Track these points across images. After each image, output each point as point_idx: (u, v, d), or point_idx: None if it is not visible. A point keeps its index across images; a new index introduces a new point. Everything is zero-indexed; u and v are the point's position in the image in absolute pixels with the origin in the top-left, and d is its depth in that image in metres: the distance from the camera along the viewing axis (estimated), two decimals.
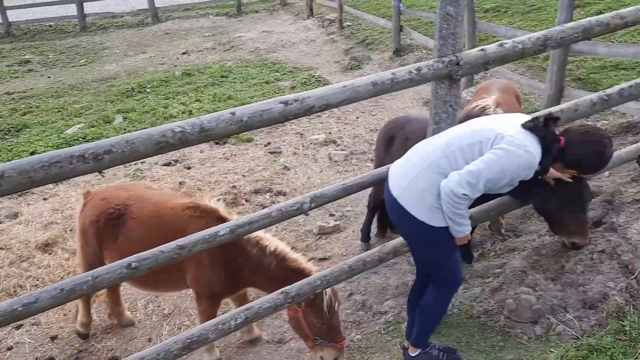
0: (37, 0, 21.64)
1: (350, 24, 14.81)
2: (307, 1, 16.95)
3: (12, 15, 20.06)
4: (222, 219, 3.53)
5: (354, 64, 11.83)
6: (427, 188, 2.72)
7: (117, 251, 3.80)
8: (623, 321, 3.00)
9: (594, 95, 3.72)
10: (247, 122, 2.52)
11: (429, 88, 3.20)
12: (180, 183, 6.72)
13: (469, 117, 3.64)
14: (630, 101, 4.12)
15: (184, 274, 3.78)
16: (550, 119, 2.75)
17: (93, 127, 9.04)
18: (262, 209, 6.21)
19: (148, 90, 11.23)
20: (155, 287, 4.15)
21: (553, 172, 2.87)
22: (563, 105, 3.64)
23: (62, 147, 7.77)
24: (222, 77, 11.73)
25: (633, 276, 3.27)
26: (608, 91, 3.82)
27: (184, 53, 14.71)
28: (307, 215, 3.21)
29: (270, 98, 9.83)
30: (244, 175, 6.95)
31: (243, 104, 9.99)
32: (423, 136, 3.97)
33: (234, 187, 6.57)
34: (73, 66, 15.26)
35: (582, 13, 10.17)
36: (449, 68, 2.94)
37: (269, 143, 8.00)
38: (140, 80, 11.92)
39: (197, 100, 10.01)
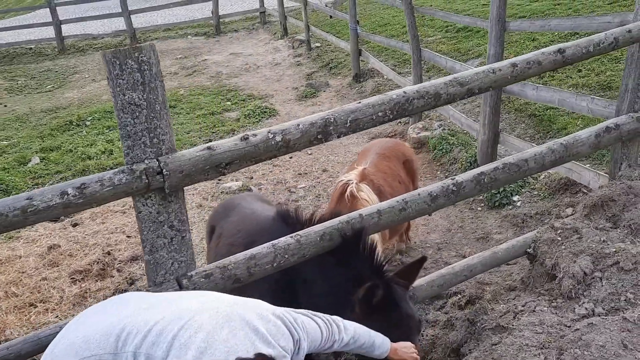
0: (17, 22, 21.29)
1: (320, 45, 13.92)
2: (280, 20, 16.11)
3: None
4: None
5: (310, 92, 10.95)
6: None
7: None
8: None
9: (439, 185, 2.76)
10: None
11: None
12: (50, 248, 5.89)
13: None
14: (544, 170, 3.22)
15: None
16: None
17: (4, 169, 8.32)
18: (130, 281, 5.41)
19: (87, 123, 10.52)
20: None
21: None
22: (384, 205, 2.70)
23: None
24: (171, 107, 10.94)
25: None
26: (459, 178, 2.85)
27: None
28: None
29: (212, 131, 9.04)
30: (129, 236, 6.10)
31: (178, 140, 9.28)
32: (235, 235, 3.08)
33: (108, 253, 5.73)
34: (39, 92, 14.71)
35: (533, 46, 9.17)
36: (146, 180, 2.03)
37: None
38: (85, 112, 11.22)
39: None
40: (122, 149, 8.34)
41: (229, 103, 10.98)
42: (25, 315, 4.91)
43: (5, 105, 13.34)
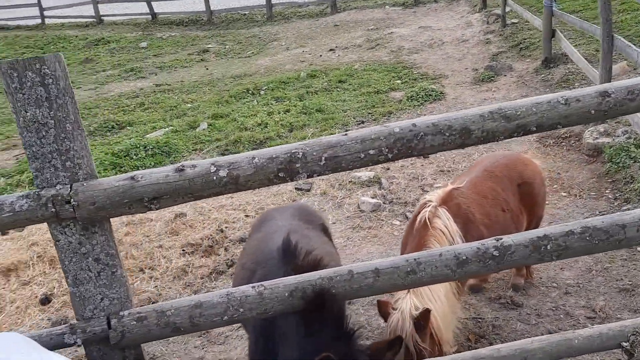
0: None
1: (517, 21, 12.42)
2: None
3: (215, 3, 21.77)
4: None
5: (488, 75, 9.84)
6: None
7: None
8: None
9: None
10: None
11: None
12: (177, 216, 6.21)
13: None
14: None
15: None
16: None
17: (176, 132, 9.07)
18: (230, 262, 5.42)
19: (262, 92, 10.94)
20: None
21: None
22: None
23: (129, 150, 7.93)
24: (339, 82, 10.85)
25: None
26: (506, 239, 2.12)
27: (330, 50, 14.09)
28: None
29: (369, 112, 8.72)
30: (247, 216, 6.14)
31: (331, 118, 9.08)
32: (249, 255, 2.80)
33: (222, 230, 5.84)
34: (239, 57, 15.83)
35: None
36: (53, 209, 1.80)
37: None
38: (264, 80, 11.70)
39: (287, 111, 9.36)
40: (276, 122, 8.45)
41: (398, 82, 10.45)
42: (133, 280, 5.23)
43: (207, 69, 14.60)
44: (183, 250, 5.57)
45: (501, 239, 2.11)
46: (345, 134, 1.85)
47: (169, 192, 1.82)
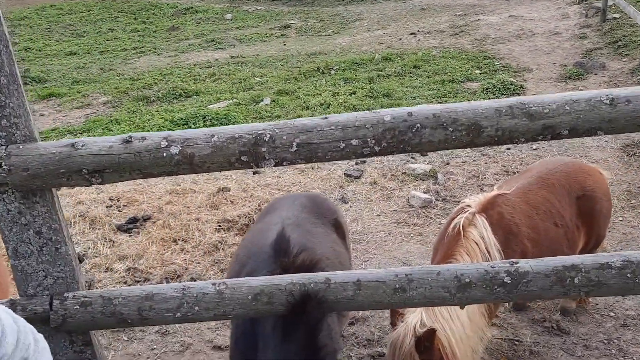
0: None
1: (619, 17, 11.29)
2: None
3: None
4: None
5: (577, 72, 9.00)
6: None
7: None
8: None
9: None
10: None
11: None
12: (220, 190, 6.09)
13: None
14: None
15: None
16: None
17: (239, 105, 8.98)
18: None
19: (332, 72, 10.64)
20: None
21: None
22: None
23: (188, 119, 7.94)
24: (414, 67, 10.35)
25: None
26: (522, 264, 1.74)
27: (412, 34, 13.51)
28: None
29: (438, 101, 8.27)
30: None
31: (397, 104, 8.63)
32: (245, 245, 2.58)
33: (260, 209, 5.64)
34: (319, 35, 15.58)
35: None
36: None
37: (362, 161, 6.65)
38: (336, 60, 11.38)
39: (353, 93, 9.01)
40: (339, 103, 8.14)
41: (477, 72, 9.80)
42: (164, 250, 5.15)
43: (285, 44, 14.46)
44: (219, 225, 5.43)
45: (517, 262, 1.71)
46: (325, 118, 1.53)
47: (112, 165, 1.59)
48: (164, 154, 1.56)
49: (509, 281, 1.70)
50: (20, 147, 1.66)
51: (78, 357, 1.89)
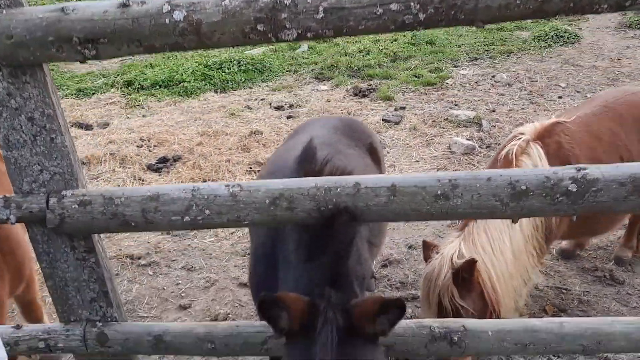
0: None
1: None
2: None
3: None
4: None
5: (637, 20, 8.33)
6: None
7: None
8: None
9: None
10: None
11: None
12: (252, 133, 5.89)
13: None
14: None
15: None
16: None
17: (275, 51, 8.72)
18: None
19: None
20: None
21: None
22: None
23: (222, 63, 7.74)
24: None
25: None
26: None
27: None
28: None
29: (484, 49, 7.73)
30: None
31: (441, 52, 8.16)
32: (272, 161, 2.38)
33: None
34: None
35: None
36: None
37: (402, 107, 6.33)
38: None
39: (394, 40, 8.63)
40: (380, 50, 7.76)
41: (528, 20, 9.20)
42: None
43: None
44: (250, 167, 5.25)
45: (585, 168, 1.43)
46: None
47: (107, 33, 1.36)
48: (167, 20, 1.33)
49: (575, 189, 1.41)
50: (4, 11, 1.45)
51: (80, 265, 1.73)
